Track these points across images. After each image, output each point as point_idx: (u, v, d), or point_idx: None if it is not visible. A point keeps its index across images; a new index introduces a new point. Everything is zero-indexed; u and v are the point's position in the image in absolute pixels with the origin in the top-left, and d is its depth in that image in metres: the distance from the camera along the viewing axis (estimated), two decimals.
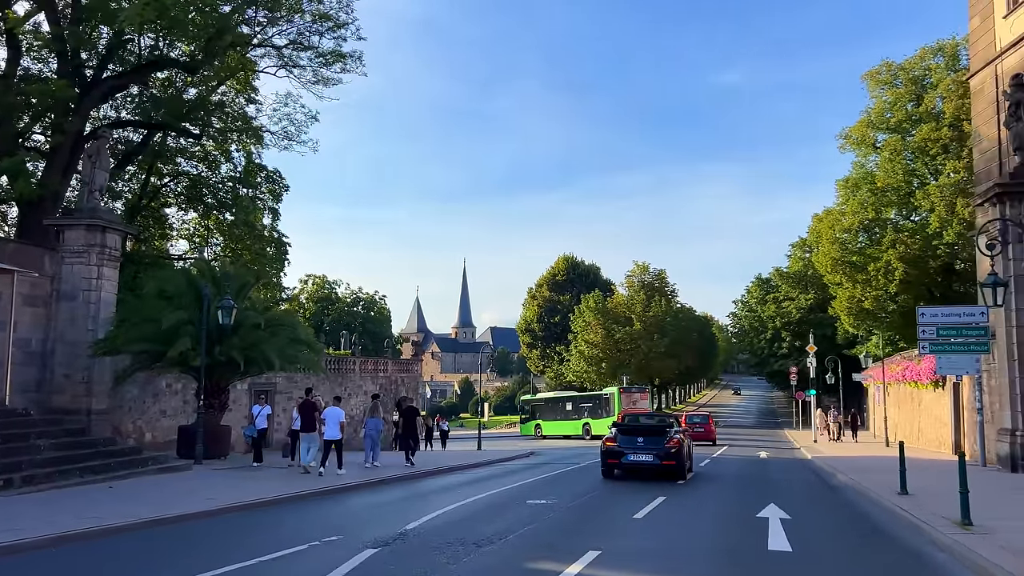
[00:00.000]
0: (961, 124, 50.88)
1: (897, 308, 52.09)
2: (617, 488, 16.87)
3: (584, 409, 51.53)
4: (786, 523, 11.46)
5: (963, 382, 25.46)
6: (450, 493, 15.96)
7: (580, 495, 15.12)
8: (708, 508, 13.86)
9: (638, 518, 12.10)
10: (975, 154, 24.05)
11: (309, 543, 9.61)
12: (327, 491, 15.85)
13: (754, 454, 30.72)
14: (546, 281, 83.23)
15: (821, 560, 9.25)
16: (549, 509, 13.00)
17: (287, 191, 35.93)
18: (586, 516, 12.49)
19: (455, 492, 16.08)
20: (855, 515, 13.06)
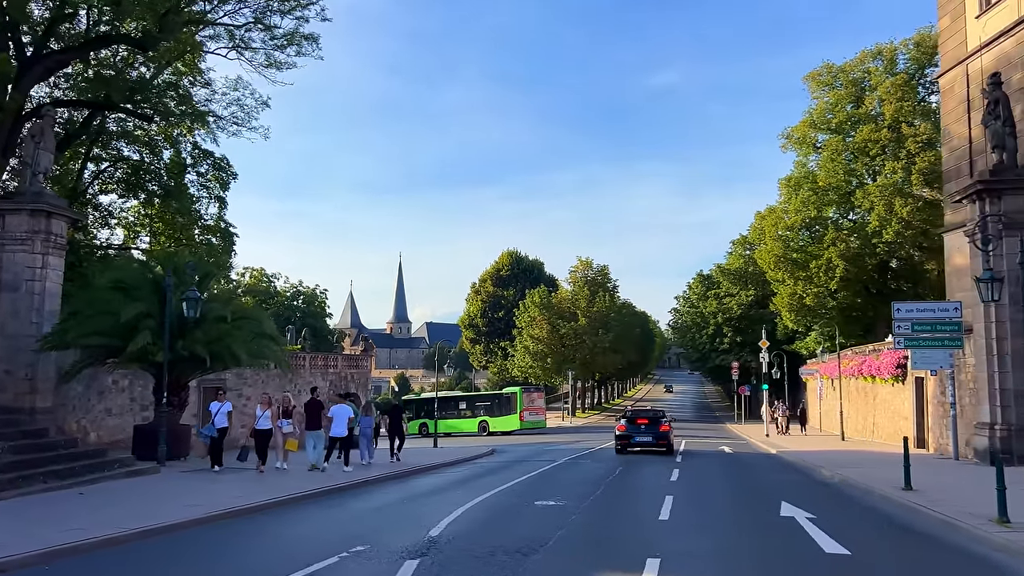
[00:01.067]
0: (900, 126, 52.45)
1: (836, 304, 53.42)
2: (614, 486, 16.39)
3: (481, 408, 53.24)
4: (818, 523, 11.11)
5: (927, 377, 25.95)
6: (447, 494, 15.19)
7: (584, 496, 14.54)
8: (724, 508, 13.48)
9: (664, 520, 11.61)
10: (944, 152, 24.49)
11: (338, 555, 8.75)
12: (317, 493, 14.90)
13: (716, 448, 30.74)
14: (490, 276, 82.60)
15: (884, 563, 8.90)
16: (566, 512, 12.37)
17: (235, 179, 34.33)
18: (610, 518, 11.93)
19: (452, 493, 15.32)
20: (877, 513, 12.83)
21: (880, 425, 32.16)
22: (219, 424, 19.16)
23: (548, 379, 74.72)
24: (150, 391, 26.95)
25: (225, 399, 20.09)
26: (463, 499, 13.80)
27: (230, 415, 19.89)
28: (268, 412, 18.90)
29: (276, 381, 32.58)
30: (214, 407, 19.76)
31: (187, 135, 32.93)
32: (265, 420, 18.87)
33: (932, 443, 25.29)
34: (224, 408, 19.62)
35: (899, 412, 29.31)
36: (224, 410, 19.58)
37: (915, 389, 27.28)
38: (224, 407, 19.69)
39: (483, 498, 14.02)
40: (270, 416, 18.89)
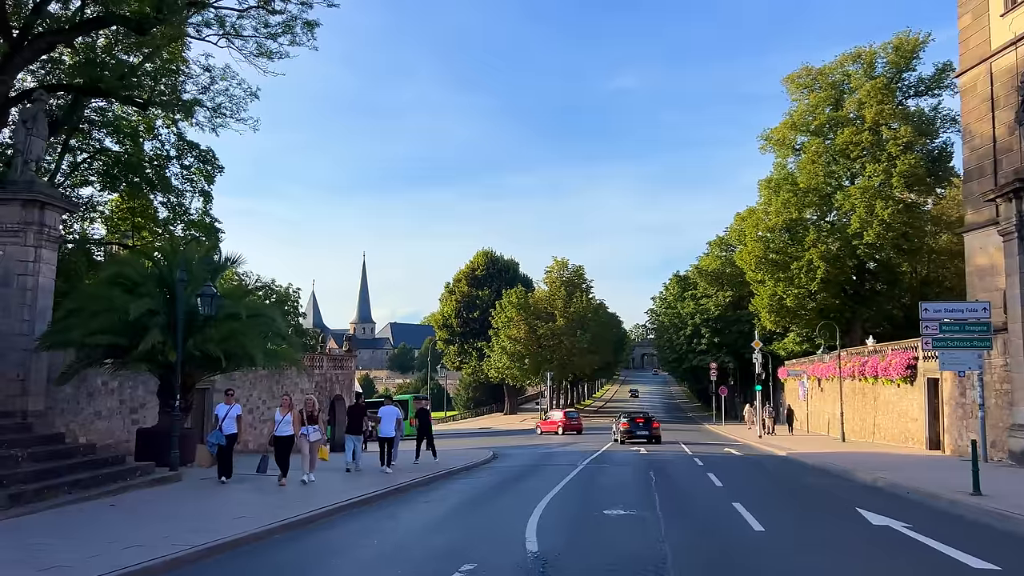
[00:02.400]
0: (880, 129, 52.93)
1: (816, 306, 53.68)
2: (667, 492, 15.66)
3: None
4: (924, 533, 10.50)
5: (943, 378, 25.78)
6: (497, 501, 14.37)
7: (647, 504, 13.76)
8: (805, 516, 12.84)
9: (760, 531, 10.89)
10: (965, 151, 24.32)
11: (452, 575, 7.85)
12: (360, 501, 13.92)
13: (722, 451, 30.25)
14: (465, 276, 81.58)
15: None
16: (646, 523, 11.57)
17: (221, 172, 32.93)
18: (702, 532, 11.13)
19: (501, 500, 14.49)
20: (973, 523, 12.24)
21: (883, 427, 32.02)
22: (228, 430, 17.24)
23: (525, 380, 74.10)
24: (140, 393, 25.68)
25: (234, 401, 17.87)
26: (522, 507, 12.93)
27: (239, 419, 17.61)
28: (288, 416, 16.77)
29: (264, 382, 31.29)
30: (221, 410, 17.54)
31: (171, 126, 31.56)
32: (285, 426, 16.66)
33: (949, 445, 25.11)
34: (233, 412, 17.51)
35: (906, 414, 29.16)
36: (233, 414, 17.46)
37: (927, 391, 27.12)
38: (233, 410, 17.56)
39: (544, 506, 13.15)
40: (291, 421, 16.75)
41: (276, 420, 17.02)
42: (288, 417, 16.83)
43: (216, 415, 17.61)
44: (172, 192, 31.31)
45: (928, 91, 55.00)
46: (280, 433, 16.76)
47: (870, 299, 54.97)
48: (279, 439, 16.75)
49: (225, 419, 17.27)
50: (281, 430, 16.75)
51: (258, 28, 28.50)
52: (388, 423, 19.97)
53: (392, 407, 20.98)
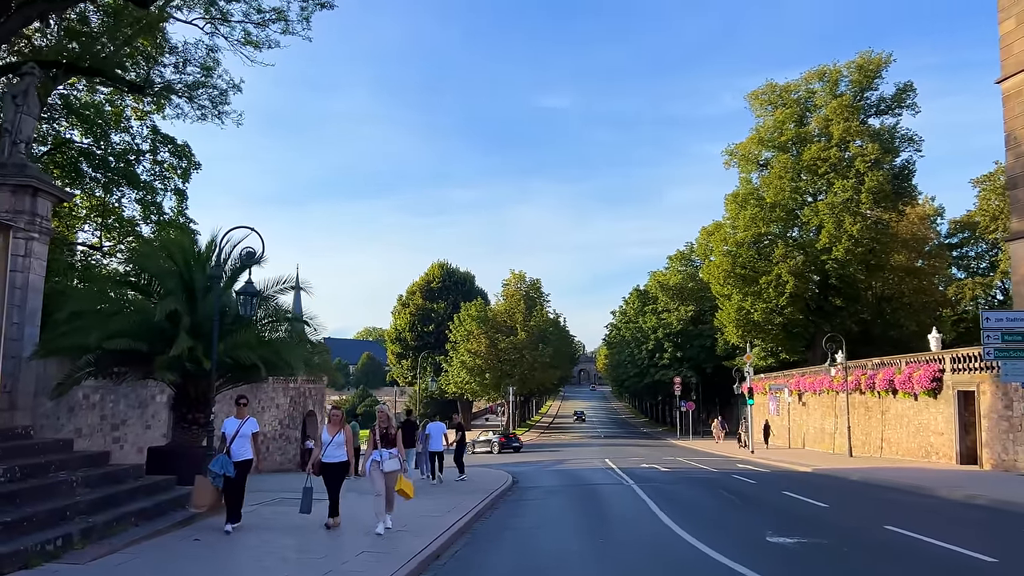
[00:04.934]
0: (848, 145, 53.56)
1: (782, 320, 53.75)
2: (789, 516, 14.10)
3: None
4: None
5: (979, 391, 25.17)
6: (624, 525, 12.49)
7: (800, 531, 12.17)
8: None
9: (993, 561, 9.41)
10: (1009, 157, 23.82)
11: None
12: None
13: (735, 468, 28.93)
14: (419, 288, 79.10)
15: None
16: (832, 555, 9.99)
17: (198, 169, 30.20)
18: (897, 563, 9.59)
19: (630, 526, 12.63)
20: None
21: (893, 441, 31.39)
22: (239, 455, 12.14)
23: (485, 395, 72.06)
24: (121, 408, 22.81)
25: (247, 414, 12.71)
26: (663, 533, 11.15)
27: (255, 439, 12.51)
28: (340, 436, 12.07)
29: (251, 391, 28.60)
30: (229, 426, 12.46)
31: (144, 117, 28.85)
32: (336, 448, 12.03)
33: (989, 459, 24.43)
34: (247, 428, 12.36)
35: (927, 427, 28.52)
36: (247, 431, 12.35)
37: (957, 403, 26.48)
38: (247, 426, 12.39)
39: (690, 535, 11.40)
40: (344, 442, 12.06)
41: (324, 441, 12.27)
42: (339, 437, 12.14)
43: (223, 433, 12.42)
44: (143, 189, 28.52)
45: (889, 110, 56.03)
46: (330, 459, 12.07)
47: (832, 314, 55.34)
48: (328, 467, 12.10)
49: (236, 438, 12.20)
50: (331, 454, 12.08)
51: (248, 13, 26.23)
52: (437, 439, 20.81)
53: (439, 423, 22.20)
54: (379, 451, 12.00)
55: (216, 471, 11.95)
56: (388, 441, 12.16)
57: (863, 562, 9.70)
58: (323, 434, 12.49)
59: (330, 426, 12.48)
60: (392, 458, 12.08)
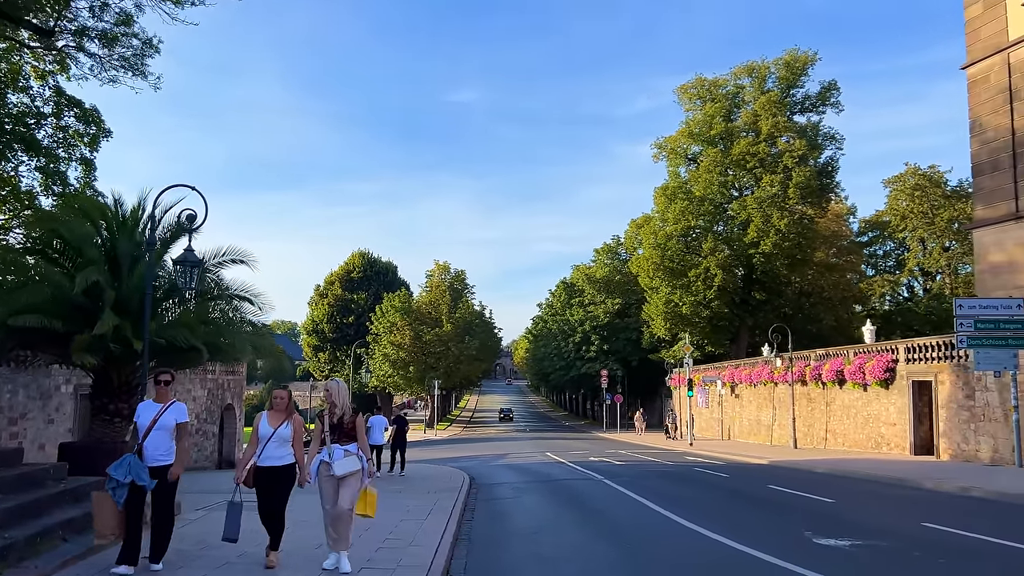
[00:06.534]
0: (776, 141, 54.07)
1: (709, 313, 53.91)
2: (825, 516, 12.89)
3: None
4: None
5: (937, 381, 24.92)
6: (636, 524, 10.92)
7: (844, 532, 10.94)
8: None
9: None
10: (974, 144, 23.53)
11: None
12: None
13: (685, 461, 28.01)
14: (339, 278, 75.88)
15: None
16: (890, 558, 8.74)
17: (108, 137, 27.13)
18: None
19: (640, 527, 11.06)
20: None
21: (840, 432, 31.15)
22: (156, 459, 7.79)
23: (409, 388, 69.74)
24: (20, 399, 20.01)
25: (171, 396, 8.25)
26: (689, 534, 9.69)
27: (182, 431, 8.05)
28: (286, 429, 8.19)
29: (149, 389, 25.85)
30: (145, 413, 8.05)
31: (44, 78, 25.66)
32: (278, 446, 8.13)
33: (947, 449, 24.18)
34: (169, 417, 7.97)
35: (878, 418, 28.28)
36: (168, 423, 7.95)
37: (912, 394, 26.23)
38: (170, 413, 8.00)
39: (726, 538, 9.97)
40: (291, 437, 8.22)
41: (262, 436, 8.19)
42: (285, 430, 8.20)
43: (136, 423, 8.10)
44: (45, 156, 25.33)
45: (814, 108, 56.83)
46: (267, 462, 8.11)
47: (756, 308, 55.95)
48: (264, 472, 8.12)
49: (153, 432, 7.82)
50: (269, 454, 8.11)
51: None
52: (378, 432, 20.04)
53: (381, 416, 21.79)
54: (329, 448, 8.13)
55: (119, 479, 7.55)
56: (342, 433, 8.20)
57: (938, 564, 8.47)
58: (261, 426, 8.26)
59: (272, 415, 8.32)
60: (349, 456, 8.09)
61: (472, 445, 45.18)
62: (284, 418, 8.30)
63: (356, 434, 8.24)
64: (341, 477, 8.01)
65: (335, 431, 8.22)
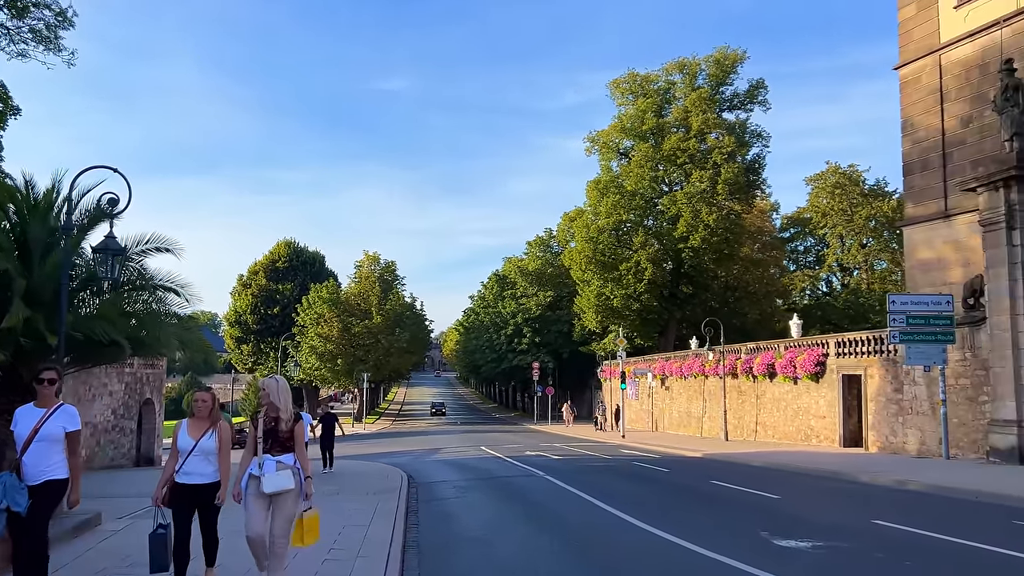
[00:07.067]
0: (706, 137, 54.92)
1: (639, 307, 54.52)
2: (775, 514, 12.75)
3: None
4: None
5: (866, 375, 25.48)
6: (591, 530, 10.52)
7: (799, 533, 10.78)
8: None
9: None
10: (905, 143, 24.06)
11: None
12: None
13: (612, 455, 27.97)
14: (263, 267, 73.53)
15: None
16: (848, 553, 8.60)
17: (16, 115, 25.42)
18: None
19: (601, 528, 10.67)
20: None
21: (770, 424, 31.70)
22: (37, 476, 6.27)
23: (337, 381, 68.23)
24: None
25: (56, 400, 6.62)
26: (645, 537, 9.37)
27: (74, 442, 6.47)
28: (209, 440, 7.07)
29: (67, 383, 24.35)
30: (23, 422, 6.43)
31: None
32: (199, 461, 6.99)
33: (875, 442, 24.75)
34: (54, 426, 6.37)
35: (808, 411, 28.82)
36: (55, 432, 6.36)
37: (841, 387, 26.79)
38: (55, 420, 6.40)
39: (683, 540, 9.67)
40: (217, 448, 7.08)
41: (181, 447, 7.03)
42: (209, 441, 7.03)
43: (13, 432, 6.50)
44: None
45: (742, 106, 57.90)
46: (190, 479, 6.98)
47: (684, 301, 56.86)
48: (186, 490, 6.97)
49: (34, 444, 6.31)
50: (192, 470, 6.97)
51: None
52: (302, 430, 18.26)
53: (306, 415, 20.09)
54: (260, 459, 6.81)
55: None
56: (276, 441, 6.90)
57: (905, 566, 8.34)
58: (180, 437, 7.07)
59: (193, 423, 7.09)
60: (283, 470, 6.82)
61: (403, 439, 44.44)
62: (208, 426, 7.07)
63: (294, 444, 6.99)
64: (272, 495, 6.74)
65: (268, 438, 6.89)
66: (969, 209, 21.09)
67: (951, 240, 22.50)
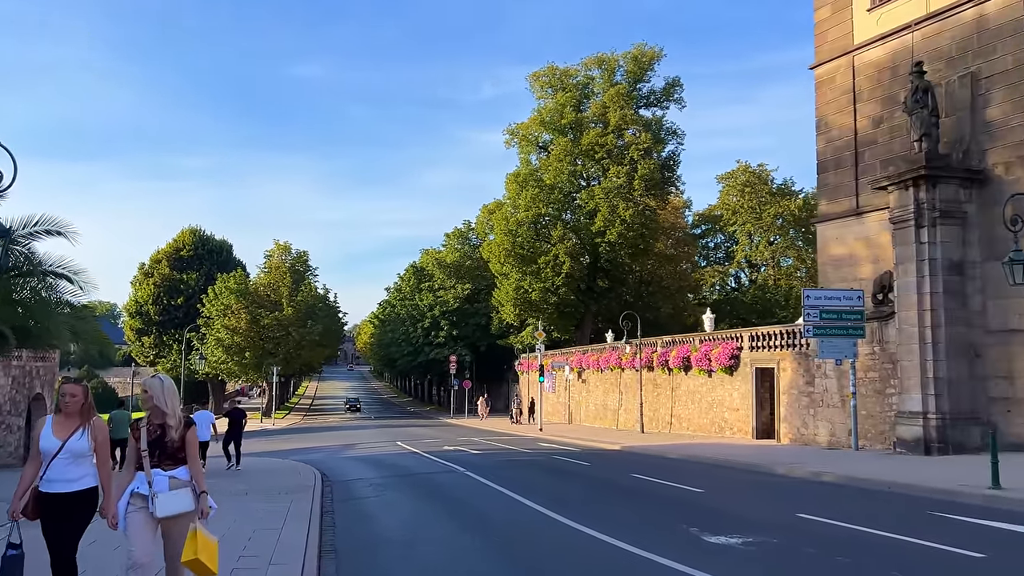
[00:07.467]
0: (623, 133, 55.58)
1: (557, 300, 54.85)
2: (704, 510, 12.62)
3: None
4: None
5: (779, 368, 26.04)
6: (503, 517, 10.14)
7: (727, 528, 10.66)
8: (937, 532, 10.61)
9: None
10: (820, 142, 24.61)
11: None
12: None
13: (534, 449, 27.81)
14: (166, 256, 70.31)
15: None
16: (775, 549, 8.51)
17: None
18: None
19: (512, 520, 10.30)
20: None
21: (684, 417, 32.13)
22: None
23: (245, 375, 65.98)
24: None
25: None
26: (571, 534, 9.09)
27: None
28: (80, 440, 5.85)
29: None
30: None
31: None
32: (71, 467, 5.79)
33: (787, 434, 25.32)
34: None
35: (722, 403, 29.33)
36: None
37: (755, 380, 27.34)
38: None
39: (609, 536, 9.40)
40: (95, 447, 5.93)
41: (44, 449, 5.81)
42: (79, 441, 5.87)
43: None
44: None
45: (658, 103, 58.82)
46: (53, 486, 5.79)
47: (600, 295, 57.48)
48: (50, 500, 5.79)
49: None
50: (57, 476, 5.80)
51: None
52: (204, 428, 19.03)
53: (207, 412, 21.52)
54: (148, 475, 5.73)
55: None
56: (166, 453, 5.82)
57: (841, 562, 8.28)
58: (43, 437, 5.84)
59: (61, 421, 5.92)
60: (179, 488, 5.78)
61: (315, 435, 43.17)
62: (78, 424, 5.89)
63: (186, 455, 5.86)
64: (165, 519, 5.62)
65: (155, 449, 5.76)
66: (880, 207, 21.72)
67: (862, 237, 23.15)
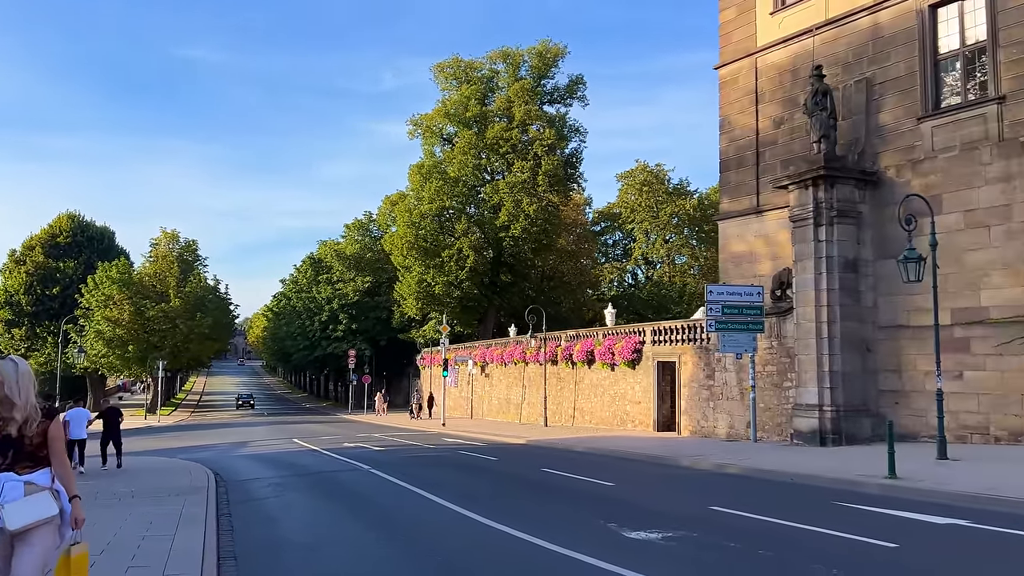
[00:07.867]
0: (528, 128, 55.81)
1: (461, 294, 54.59)
2: (628, 506, 12.44)
3: None
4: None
5: (679, 362, 26.48)
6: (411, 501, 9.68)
7: (652, 524, 10.50)
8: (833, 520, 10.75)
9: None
10: (723, 141, 25.10)
11: None
12: None
13: (440, 444, 27.41)
14: (41, 242, 65.70)
15: None
16: (700, 544, 8.42)
17: None
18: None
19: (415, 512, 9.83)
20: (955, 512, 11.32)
21: (587, 410, 32.34)
22: None
23: (128, 369, 62.44)
24: None
25: None
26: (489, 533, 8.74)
27: None
28: None
29: None
30: None
31: None
32: None
33: (687, 426, 25.79)
34: None
35: (624, 396, 29.64)
36: None
37: (656, 373, 27.72)
38: None
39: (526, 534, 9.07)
40: None
41: None
42: None
43: None
44: None
45: (562, 100, 59.29)
46: None
47: (503, 290, 57.56)
48: None
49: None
50: None
51: None
52: (80, 426, 18.65)
53: (83, 409, 20.67)
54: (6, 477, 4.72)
55: None
56: (21, 453, 4.76)
57: (762, 556, 8.23)
58: None
59: None
60: (36, 493, 4.74)
61: (205, 432, 41.22)
62: None
63: (48, 453, 4.85)
64: (17, 532, 4.62)
65: (7, 449, 4.75)
66: (779, 206, 22.35)
67: (762, 234, 23.78)
